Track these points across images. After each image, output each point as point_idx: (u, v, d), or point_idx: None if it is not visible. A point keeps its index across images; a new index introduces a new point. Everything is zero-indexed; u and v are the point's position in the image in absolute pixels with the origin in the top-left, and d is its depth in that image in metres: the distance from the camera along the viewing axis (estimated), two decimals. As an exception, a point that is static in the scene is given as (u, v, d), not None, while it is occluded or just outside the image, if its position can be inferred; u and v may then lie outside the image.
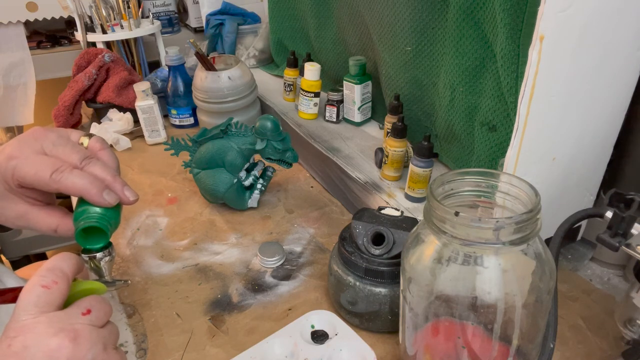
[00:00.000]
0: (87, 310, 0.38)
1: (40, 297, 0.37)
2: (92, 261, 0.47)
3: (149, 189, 0.86)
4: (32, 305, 0.36)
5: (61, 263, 0.39)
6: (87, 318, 0.38)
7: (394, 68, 0.78)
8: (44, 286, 0.37)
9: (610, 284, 0.61)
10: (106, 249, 0.48)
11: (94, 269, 0.48)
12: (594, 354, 0.52)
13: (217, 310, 0.60)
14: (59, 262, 0.39)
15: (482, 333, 0.42)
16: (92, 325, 0.38)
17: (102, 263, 0.48)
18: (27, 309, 0.36)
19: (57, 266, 0.39)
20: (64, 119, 1.01)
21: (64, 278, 0.39)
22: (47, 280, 0.38)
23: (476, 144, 0.65)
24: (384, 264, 0.53)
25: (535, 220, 0.38)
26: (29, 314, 0.36)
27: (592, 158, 0.57)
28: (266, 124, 0.71)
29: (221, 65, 1.00)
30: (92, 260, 0.47)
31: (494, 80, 0.60)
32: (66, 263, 0.40)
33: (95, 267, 0.48)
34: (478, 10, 0.59)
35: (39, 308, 0.36)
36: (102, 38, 1.10)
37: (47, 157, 0.45)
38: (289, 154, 0.73)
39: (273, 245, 0.69)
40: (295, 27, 1.09)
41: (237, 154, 0.75)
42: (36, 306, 0.36)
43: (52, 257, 0.40)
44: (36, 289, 0.37)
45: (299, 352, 0.51)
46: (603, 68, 0.49)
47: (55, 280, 0.38)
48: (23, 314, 0.36)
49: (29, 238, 1.44)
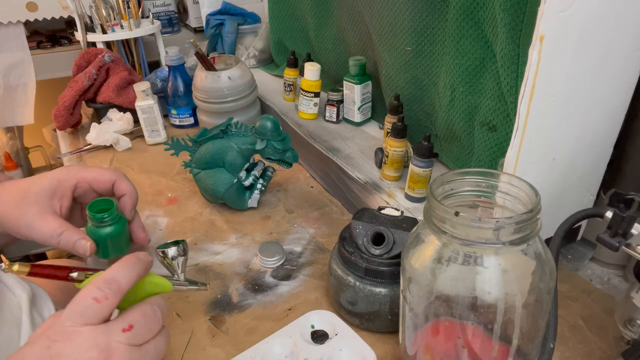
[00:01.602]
0: (130, 326, 0.38)
1: (89, 309, 0.37)
2: (163, 256, 0.47)
3: (149, 189, 0.86)
4: (79, 315, 0.37)
5: (120, 276, 0.39)
6: (127, 336, 0.38)
7: (394, 68, 0.78)
8: (94, 299, 0.37)
9: (610, 284, 0.61)
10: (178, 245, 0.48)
11: (166, 265, 0.47)
12: (594, 354, 0.53)
13: (217, 310, 0.60)
14: (118, 275, 0.39)
15: (482, 333, 0.42)
16: (130, 344, 0.38)
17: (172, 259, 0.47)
18: (73, 317, 0.37)
19: (115, 279, 0.39)
20: (64, 119, 1.01)
21: (117, 293, 0.39)
22: (100, 294, 0.38)
23: (476, 144, 0.65)
24: (384, 264, 0.53)
25: (535, 220, 0.38)
26: (74, 321, 0.37)
27: (592, 158, 0.57)
28: (266, 124, 0.71)
29: (221, 65, 1.00)
30: (163, 255, 0.47)
31: (494, 80, 0.60)
32: (125, 276, 0.39)
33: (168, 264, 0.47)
34: (478, 10, 0.59)
35: (84, 319, 0.37)
36: (102, 38, 1.10)
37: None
38: (289, 154, 0.73)
39: (273, 245, 0.69)
40: (295, 27, 1.09)
41: (237, 154, 0.75)
42: (82, 316, 0.37)
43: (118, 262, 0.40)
44: (87, 300, 0.37)
45: (299, 352, 0.51)
46: (603, 68, 0.49)
47: (108, 295, 0.38)
48: (69, 320, 0.37)
49: (29, 238, 1.44)
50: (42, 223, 0.54)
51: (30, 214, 0.54)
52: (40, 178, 0.57)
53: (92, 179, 0.59)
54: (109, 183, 0.60)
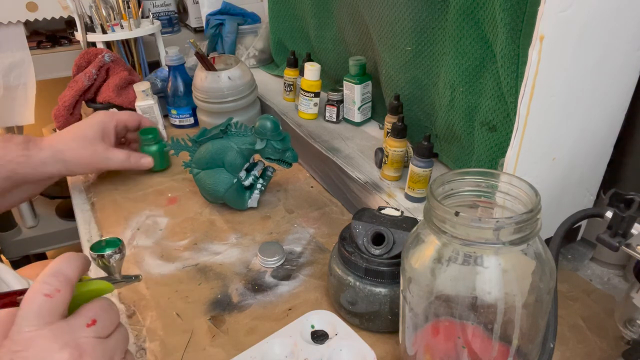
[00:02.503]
0: (92, 320, 0.37)
1: (43, 307, 0.35)
2: (100, 259, 0.46)
3: (149, 188, 0.86)
4: (34, 316, 0.35)
5: (64, 267, 0.38)
6: (92, 330, 0.37)
7: (394, 68, 0.78)
8: (46, 295, 0.35)
9: (610, 284, 0.61)
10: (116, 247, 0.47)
11: (103, 267, 0.47)
12: (594, 354, 0.53)
13: (217, 310, 0.60)
14: (62, 266, 0.38)
15: (482, 333, 0.42)
16: (98, 337, 0.37)
17: (111, 261, 0.46)
18: (29, 320, 0.35)
19: (60, 271, 0.37)
20: (64, 119, 1.01)
21: (67, 284, 0.37)
22: (49, 288, 0.36)
23: (476, 144, 0.65)
24: (384, 264, 0.53)
25: (535, 220, 0.38)
26: (31, 325, 0.35)
27: (592, 158, 0.57)
28: (266, 124, 0.71)
29: (221, 65, 1.00)
30: (100, 258, 0.46)
31: (494, 80, 0.60)
32: (70, 266, 0.38)
33: (104, 265, 0.46)
34: (478, 10, 0.59)
35: (41, 319, 0.35)
36: (102, 38, 1.10)
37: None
38: (288, 153, 0.73)
39: (273, 245, 0.69)
40: (295, 27, 1.09)
41: (236, 154, 0.75)
42: (38, 316, 0.35)
43: (56, 258, 0.39)
44: (38, 298, 0.35)
45: (299, 352, 0.51)
46: (603, 68, 0.49)
47: (58, 288, 0.36)
48: (25, 324, 0.35)
49: (29, 238, 1.44)
50: (113, 154, 0.77)
51: (101, 150, 0.74)
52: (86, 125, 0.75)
53: (126, 119, 0.82)
54: (137, 122, 0.85)
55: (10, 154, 0.66)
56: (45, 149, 0.69)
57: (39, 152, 0.68)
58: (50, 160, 0.69)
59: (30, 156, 0.67)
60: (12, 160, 0.66)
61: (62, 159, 0.70)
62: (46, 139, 0.71)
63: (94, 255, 0.46)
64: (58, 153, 0.69)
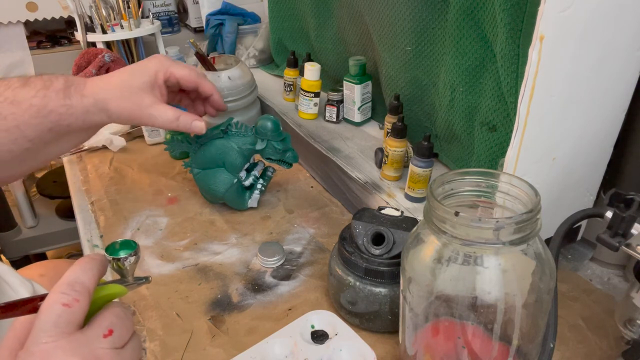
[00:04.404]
0: (109, 331, 0.36)
1: (61, 317, 0.34)
2: (116, 262, 0.46)
3: (149, 188, 0.86)
4: (52, 326, 0.34)
5: (82, 276, 0.37)
6: (109, 341, 0.36)
7: (394, 68, 0.78)
8: (64, 304, 0.35)
9: (610, 284, 0.61)
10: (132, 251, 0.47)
11: (117, 269, 0.46)
12: (594, 354, 0.53)
13: (217, 310, 0.60)
14: (80, 275, 0.37)
15: (482, 333, 0.42)
16: (114, 348, 0.36)
17: (126, 264, 0.46)
18: (47, 330, 0.34)
19: (78, 280, 0.37)
20: (64, 119, 1.01)
21: (85, 294, 0.36)
22: (68, 298, 0.35)
23: (476, 144, 0.65)
24: (384, 264, 0.53)
25: (535, 220, 0.38)
26: (49, 336, 0.34)
27: (592, 158, 0.57)
28: (266, 124, 0.71)
29: (221, 65, 1.00)
30: (116, 261, 0.46)
31: (494, 80, 0.60)
32: (87, 275, 0.37)
33: (119, 268, 0.46)
34: (478, 10, 0.59)
35: (59, 329, 0.34)
36: (102, 38, 1.10)
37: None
38: (289, 154, 0.73)
39: (273, 245, 0.69)
40: (295, 27, 1.09)
41: (237, 154, 0.75)
42: (56, 327, 0.34)
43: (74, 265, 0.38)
44: (56, 308, 0.35)
45: (299, 352, 0.51)
46: (603, 68, 0.49)
47: (77, 298, 0.35)
48: (43, 335, 0.34)
49: (29, 238, 1.44)
50: (160, 111, 0.63)
51: (147, 104, 0.62)
52: (136, 72, 0.64)
53: (181, 77, 0.66)
54: (194, 84, 0.68)
55: (51, 104, 0.59)
56: (88, 96, 0.61)
57: (82, 100, 0.60)
58: (93, 109, 0.61)
59: (72, 106, 0.60)
60: (54, 111, 0.59)
61: (105, 108, 0.61)
62: (90, 82, 0.63)
63: (109, 258, 0.46)
64: (100, 102, 0.61)
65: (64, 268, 0.45)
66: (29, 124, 0.57)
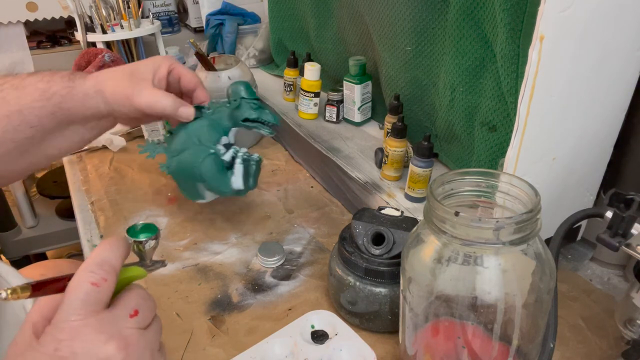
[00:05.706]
0: (135, 311, 0.37)
1: (89, 295, 0.35)
2: (137, 245, 0.46)
3: (149, 188, 0.86)
4: (80, 304, 0.34)
5: (110, 255, 0.37)
6: (135, 321, 0.36)
7: (394, 68, 0.78)
8: (93, 283, 0.35)
9: (610, 284, 0.61)
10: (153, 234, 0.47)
11: (137, 252, 0.47)
12: (594, 354, 0.53)
13: (217, 310, 0.60)
14: (107, 255, 0.37)
15: (482, 333, 0.42)
16: (140, 328, 0.37)
17: (146, 247, 0.46)
18: (76, 308, 0.34)
19: (106, 260, 0.37)
20: (64, 119, 1.01)
21: (113, 273, 0.37)
22: (96, 277, 0.35)
23: (476, 144, 0.65)
24: (384, 264, 0.53)
25: (535, 220, 0.38)
26: (77, 314, 0.34)
27: (592, 158, 0.57)
28: (238, 87, 0.69)
29: (221, 65, 1.00)
30: (137, 244, 0.46)
31: (494, 80, 0.60)
32: (114, 255, 0.38)
33: (139, 250, 0.46)
34: (478, 10, 0.59)
35: (88, 307, 0.35)
36: (102, 38, 1.10)
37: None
38: (267, 111, 0.69)
39: (273, 245, 0.69)
40: (295, 27, 1.09)
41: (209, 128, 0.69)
42: (85, 305, 0.34)
43: (100, 245, 0.38)
44: (85, 286, 0.35)
45: (299, 352, 0.51)
46: (603, 68, 0.49)
47: (105, 277, 0.36)
48: (72, 312, 0.34)
49: (29, 238, 1.44)
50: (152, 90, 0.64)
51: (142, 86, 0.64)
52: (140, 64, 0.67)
53: (183, 75, 0.69)
54: (193, 85, 0.70)
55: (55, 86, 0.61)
56: (89, 79, 0.63)
57: (83, 83, 0.62)
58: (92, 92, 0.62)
59: (74, 87, 0.61)
60: (57, 93, 0.60)
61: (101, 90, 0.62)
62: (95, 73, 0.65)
63: (130, 240, 0.46)
64: (99, 83, 0.62)
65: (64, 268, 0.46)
66: (31, 108, 0.58)
